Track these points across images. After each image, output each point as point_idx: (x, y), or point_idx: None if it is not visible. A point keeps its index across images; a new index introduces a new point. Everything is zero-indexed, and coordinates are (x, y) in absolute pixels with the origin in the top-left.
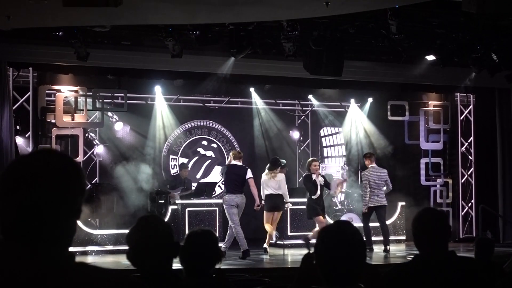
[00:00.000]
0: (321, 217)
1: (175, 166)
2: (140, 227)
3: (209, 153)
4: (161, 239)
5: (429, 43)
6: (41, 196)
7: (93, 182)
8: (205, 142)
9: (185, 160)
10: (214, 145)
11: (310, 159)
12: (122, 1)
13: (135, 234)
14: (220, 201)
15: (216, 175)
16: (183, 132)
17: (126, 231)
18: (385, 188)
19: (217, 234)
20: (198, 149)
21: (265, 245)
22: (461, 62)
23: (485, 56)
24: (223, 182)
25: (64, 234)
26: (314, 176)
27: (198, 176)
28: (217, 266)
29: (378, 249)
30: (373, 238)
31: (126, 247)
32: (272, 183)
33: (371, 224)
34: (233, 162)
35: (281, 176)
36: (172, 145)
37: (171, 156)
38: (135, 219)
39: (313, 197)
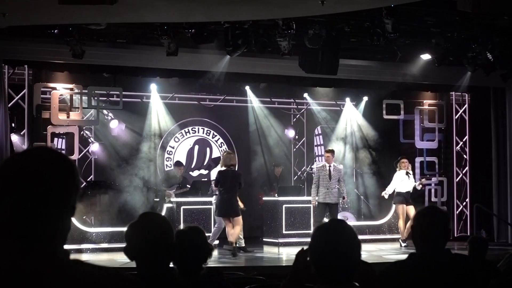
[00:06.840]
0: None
1: (170, 164)
2: (141, 223)
3: (205, 151)
4: (161, 237)
5: (424, 42)
6: (35, 194)
7: (88, 180)
8: (200, 140)
9: (180, 158)
10: (210, 143)
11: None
12: None
13: (134, 229)
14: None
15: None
16: (178, 130)
17: (121, 229)
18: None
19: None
20: (193, 147)
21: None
22: (456, 61)
23: (481, 55)
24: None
25: (58, 232)
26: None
27: (193, 173)
28: (210, 264)
29: (372, 247)
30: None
31: (121, 245)
32: None
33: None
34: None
35: None
36: (167, 143)
37: (166, 154)
38: (130, 217)
39: None
